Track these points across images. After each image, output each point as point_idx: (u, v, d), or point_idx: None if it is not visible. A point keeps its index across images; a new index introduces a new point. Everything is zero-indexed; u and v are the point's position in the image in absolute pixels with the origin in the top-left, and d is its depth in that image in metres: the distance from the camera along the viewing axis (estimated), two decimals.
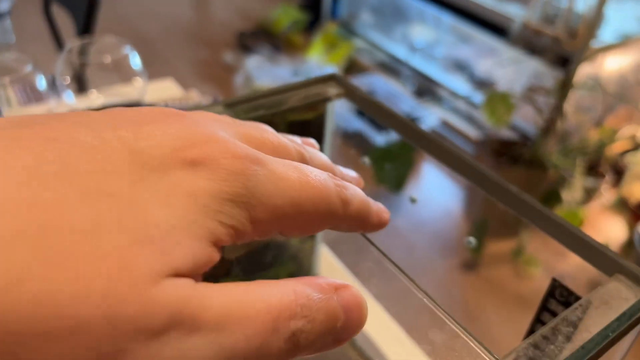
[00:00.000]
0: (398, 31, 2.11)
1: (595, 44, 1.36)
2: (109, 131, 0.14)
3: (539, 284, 1.34)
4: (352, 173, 0.24)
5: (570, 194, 1.43)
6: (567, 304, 0.26)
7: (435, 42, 2.00)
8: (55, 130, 0.13)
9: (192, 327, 0.12)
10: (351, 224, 0.19)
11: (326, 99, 0.34)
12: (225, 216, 0.14)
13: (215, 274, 0.16)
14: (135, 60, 0.68)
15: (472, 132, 1.76)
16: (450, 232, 1.52)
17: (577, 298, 0.25)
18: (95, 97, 0.66)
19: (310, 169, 0.17)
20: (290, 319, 0.14)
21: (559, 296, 0.26)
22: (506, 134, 1.58)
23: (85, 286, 0.11)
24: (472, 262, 1.39)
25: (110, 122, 0.14)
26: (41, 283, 0.11)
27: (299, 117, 0.34)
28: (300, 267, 0.42)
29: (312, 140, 0.25)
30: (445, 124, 1.82)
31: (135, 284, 0.12)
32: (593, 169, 1.54)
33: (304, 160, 0.20)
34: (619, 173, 1.60)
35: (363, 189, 0.22)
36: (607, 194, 1.59)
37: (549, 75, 1.46)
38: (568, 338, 0.20)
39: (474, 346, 0.20)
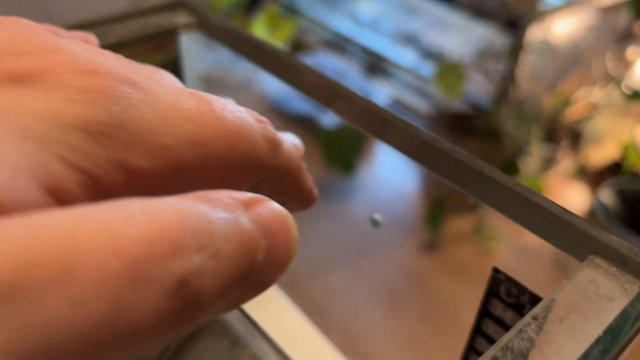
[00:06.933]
0: (342, 7, 2.01)
1: (543, 6, 1.30)
2: None
3: (502, 261, 1.28)
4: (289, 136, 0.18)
5: (528, 164, 1.37)
6: (517, 307, 0.16)
7: (381, 16, 1.91)
8: None
9: None
10: (281, 176, 0.14)
11: (171, 31, 0.23)
12: (72, 152, 0.08)
13: None
14: None
15: (424, 106, 1.68)
16: (408, 213, 1.44)
17: (533, 297, 0.16)
18: None
19: (217, 98, 0.12)
20: (172, 257, 0.08)
21: (505, 295, 0.16)
22: (459, 106, 1.51)
23: None
24: (432, 243, 1.32)
25: None
26: None
27: (139, 59, 0.24)
28: None
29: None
30: (397, 101, 1.74)
31: None
32: (549, 136, 1.48)
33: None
34: (576, 139, 1.55)
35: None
36: (565, 161, 1.54)
37: (498, 41, 1.40)
38: None
39: None
